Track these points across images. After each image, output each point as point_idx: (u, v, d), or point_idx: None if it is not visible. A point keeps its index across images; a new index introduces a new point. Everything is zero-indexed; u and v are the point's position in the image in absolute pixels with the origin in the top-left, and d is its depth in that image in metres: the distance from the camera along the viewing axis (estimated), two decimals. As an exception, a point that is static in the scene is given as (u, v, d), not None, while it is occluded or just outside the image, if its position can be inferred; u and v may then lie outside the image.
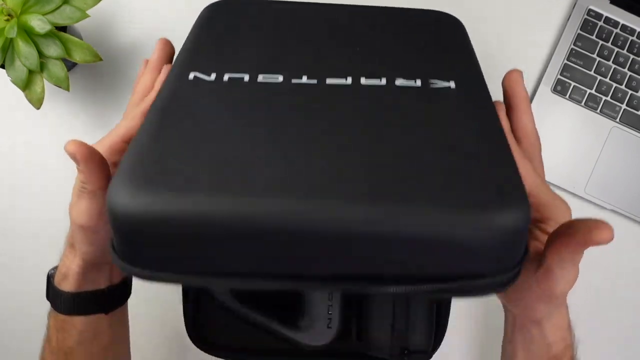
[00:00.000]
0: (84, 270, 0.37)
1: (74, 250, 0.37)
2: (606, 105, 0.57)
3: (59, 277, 0.38)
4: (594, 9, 0.57)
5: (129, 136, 0.36)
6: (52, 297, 0.39)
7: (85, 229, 0.35)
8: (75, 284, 0.37)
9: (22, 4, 0.46)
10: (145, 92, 0.38)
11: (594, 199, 0.56)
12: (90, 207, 0.34)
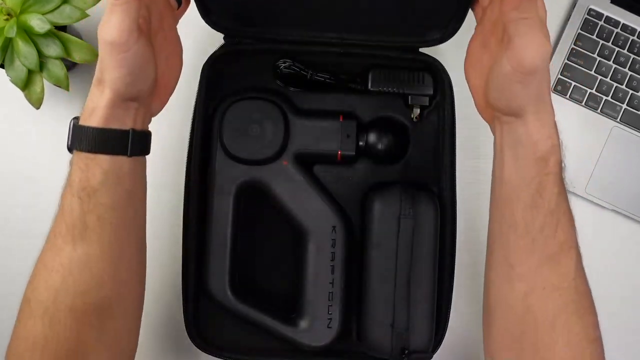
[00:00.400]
0: (112, 104, 0.38)
1: (102, 85, 0.38)
2: (607, 105, 0.57)
3: (86, 114, 0.38)
4: (594, 8, 0.57)
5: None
6: (77, 136, 0.39)
7: (116, 46, 0.36)
8: (102, 120, 0.38)
9: (22, 4, 0.46)
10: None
11: (595, 199, 0.56)
12: (121, 21, 0.35)
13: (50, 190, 0.56)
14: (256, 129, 0.50)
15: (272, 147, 0.49)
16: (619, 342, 0.56)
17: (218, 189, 0.50)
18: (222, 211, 0.49)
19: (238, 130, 0.50)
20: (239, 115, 0.50)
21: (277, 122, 0.50)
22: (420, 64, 0.51)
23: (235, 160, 0.50)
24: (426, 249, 0.48)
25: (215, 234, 0.49)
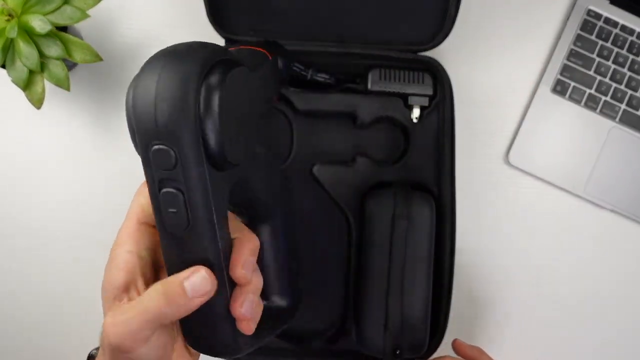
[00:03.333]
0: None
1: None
2: (606, 105, 0.57)
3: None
4: (593, 9, 0.57)
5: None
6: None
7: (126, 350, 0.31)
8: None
9: (23, 4, 0.46)
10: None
11: (594, 199, 0.56)
12: (160, 341, 0.31)
13: (50, 190, 0.56)
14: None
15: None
16: (619, 343, 0.57)
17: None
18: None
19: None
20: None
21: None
22: (420, 64, 0.52)
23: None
24: (421, 250, 0.48)
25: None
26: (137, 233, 0.33)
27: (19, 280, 0.56)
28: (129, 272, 0.32)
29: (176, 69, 0.28)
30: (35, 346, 0.55)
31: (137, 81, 0.29)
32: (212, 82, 0.29)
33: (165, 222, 0.30)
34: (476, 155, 0.57)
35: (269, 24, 0.51)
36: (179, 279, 0.30)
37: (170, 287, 0.30)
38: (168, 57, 0.29)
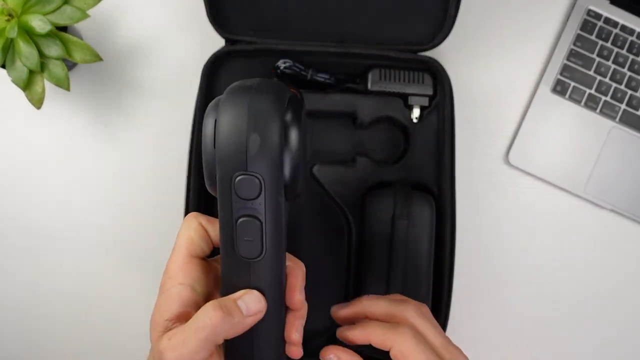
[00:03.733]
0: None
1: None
2: (606, 105, 0.57)
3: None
4: (593, 9, 0.57)
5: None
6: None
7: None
8: None
9: (23, 4, 0.46)
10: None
11: (594, 199, 0.56)
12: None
13: (50, 190, 0.56)
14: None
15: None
16: (619, 342, 0.57)
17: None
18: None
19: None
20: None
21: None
22: (420, 64, 0.52)
23: None
24: (421, 250, 0.48)
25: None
26: (188, 266, 0.34)
27: (19, 281, 0.56)
28: (182, 304, 0.33)
29: (265, 104, 0.30)
30: (35, 346, 0.55)
31: (221, 114, 0.30)
32: (289, 117, 0.31)
33: (240, 250, 0.32)
34: (476, 155, 0.57)
35: (269, 24, 0.51)
36: (232, 298, 0.32)
37: (225, 303, 0.31)
38: (253, 92, 0.31)
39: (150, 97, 0.57)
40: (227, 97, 0.31)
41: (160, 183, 0.56)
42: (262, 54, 0.52)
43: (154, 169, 0.56)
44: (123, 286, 0.55)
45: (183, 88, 0.56)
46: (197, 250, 0.34)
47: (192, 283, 0.33)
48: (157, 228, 0.55)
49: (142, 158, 0.56)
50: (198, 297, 0.33)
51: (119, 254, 0.55)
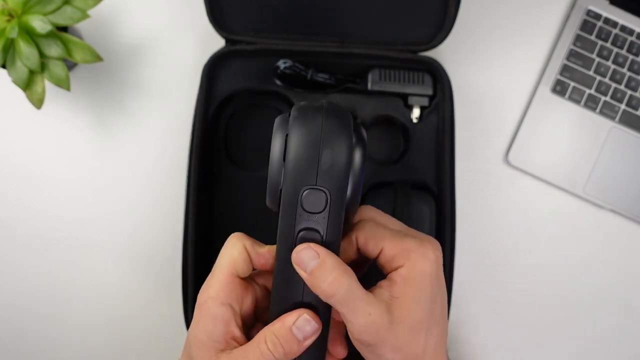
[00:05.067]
0: None
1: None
2: (605, 105, 0.57)
3: None
4: (593, 9, 0.58)
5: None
6: None
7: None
8: None
9: (23, 5, 0.46)
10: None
11: (593, 199, 0.56)
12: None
13: (50, 189, 0.56)
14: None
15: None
16: (619, 342, 0.57)
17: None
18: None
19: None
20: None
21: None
22: (420, 64, 0.52)
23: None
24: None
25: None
26: (231, 286, 0.34)
27: (19, 281, 0.56)
28: (226, 324, 0.33)
29: (337, 123, 0.32)
30: (35, 347, 0.56)
31: (294, 129, 0.31)
32: (355, 139, 0.32)
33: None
34: (476, 155, 0.57)
35: (269, 24, 0.51)
36: (286, 325, 0.33)
37: (282, 334, 0.32)
38: (324, 112, 0.32)
39: (150, 97, 0.57)
40: (300, 115, 0.32)
41: (160, 183, 0.56)
42: (262, 54, 0.52)
43: (154, 169, 0.56)
44: (123, 286, 0.55)
45: (183, 88, 0.56)
46: (238, 271, 0.35)
47: (232, 303, 0.34)
48: (157, 228, 0.55)
49: (142, 158, 0.56)
50: (237, 317, 0.34)
51: (118, 254, 0.55)
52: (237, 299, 0.34)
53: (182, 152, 0.53)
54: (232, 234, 0.36)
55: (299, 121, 0.32)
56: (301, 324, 0.32)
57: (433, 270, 0.34)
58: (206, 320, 0.34)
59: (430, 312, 0.33)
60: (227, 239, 0.36)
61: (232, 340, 0.34)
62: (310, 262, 0.31)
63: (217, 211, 0.53)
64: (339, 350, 0.37)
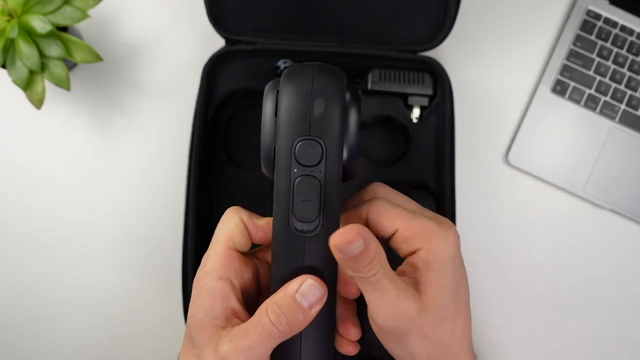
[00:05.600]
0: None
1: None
2: (605, 105, 0.57)
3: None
4: (593, 9, 0.58)
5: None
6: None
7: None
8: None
9: (23, 5, 0.46)
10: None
11: (593, 199, 0.56)
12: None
13: (50, 189, 0.56)
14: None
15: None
16: (619, 342, 0.57)
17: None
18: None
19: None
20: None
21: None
22: (420, 64, 0.52)
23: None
24: None
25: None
26: (228, 259, 0.32)
27: (19, 281, 0.56)
28: (225, 300, 0.31)
29: (329, 77, 0.31)
30: (35, 346, 0.56)
31: (285, 84, 0.31)
32: (349, 97, 0.32)
33: (295, 218, 0.30)
34: (476, 155, 0.57)
35: (269, 24, 0.51)
36: (289, 293, 0.30)
37: (285, 303, 0.30)
38: (316, 68, 0.31)
39: (150, 97, 0.57)
40: (291, 71, 0.31)
41: (160, 183, 0.56)
42: (262, 54, 0.52)
43: (154, 169, 0.56)
44: (123, 286, 0.55)
45: (183, 88, 0.56)
46: (236, 244, 0.33)
47: (231, 277, 0.32)
48: (157, 228, 0.55)
49: (142, 157, 0.56)
50: (237, 291, 0.32)
51: (118, 254, 0.55)
52: (236, 273, 0.32)
53: (182, 152, 0.53)
54: (228, 209, 0.34)
55: (290, 76, 0.31)
56: (305, 290, 0.30)
57: (455, 254, 0.32)
58: (204, 296, 0.32)
59: (455, 299, 0.32)
60: (224, 213, 0.34)
61: (233, 317, 0.32)
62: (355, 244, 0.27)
63: (217, 211, 0.53)
64: (352, 331, 0.34)
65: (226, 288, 0.32)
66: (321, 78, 0.31)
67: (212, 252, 0.33)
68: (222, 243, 0.33)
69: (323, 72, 0.31)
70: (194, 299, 0.32)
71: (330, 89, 0.30)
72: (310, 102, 0.30)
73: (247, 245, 0.34)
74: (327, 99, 0.30)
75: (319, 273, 0.31)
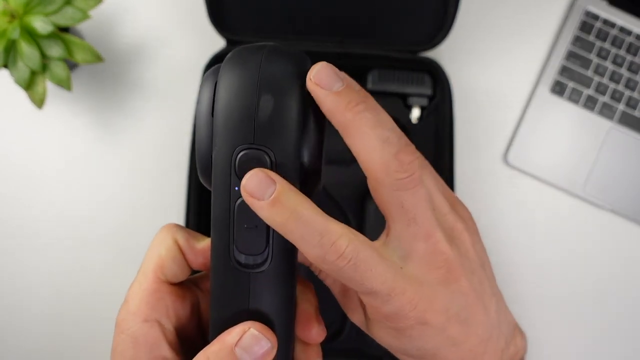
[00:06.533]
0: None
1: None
2: (604, 105, 0.57)
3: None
4: (591, 10, 0.58)
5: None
6: None
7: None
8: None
9: (25, 5, 0.47)
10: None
11: (593, 199, 0.57)
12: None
13: (51, 189, 0.56)
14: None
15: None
16: (619, 342, 0.57)
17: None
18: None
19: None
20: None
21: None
22: (419, 64, 0.52)
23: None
24: None
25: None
26: (156, 295, 0.26)
27: (20, 281, 0.56)
28: (150, 347, 0.25)
29: (282, 63, 0.24)
30: (35, 346, 0.56)
31: (224, 73, 0.23)
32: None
33: (238, 249, 0.24)
34: (475, 156, 0.57)
35: (269, 25, 0.52)
36: (227, 345, 0.24)
37: (220, 357, 0.24)
38: (266, 51, 0.24)
39: (151, 97, 0.57)
40: (234, 55, 0.24)
41: (161, 183, 0.56)
42: (263, 54, 0.52)
43: (154, 169, 0.56)
44: (123, 286, 0.55)
45: (184, 88, 0.56)
46: (168, 275, 0.26)
47: (160, 318, 0.26)
48: (157, 228, 0.55)
49: (143, 157, 0.56)
50: (169, 335, 0.26)
51: (119, 254, 0.56)
52: (167, 312, 0.26)
53: (183, 152, 0.54)
54: (162, 226, 0.28)
55: (231, 63, 0.23)
56: (247, 343, 0.24)
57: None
58: (125, 344, 0.26)
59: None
60: (157, 232, 0.27)
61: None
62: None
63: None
64: (314, 332, 0.28)
65: (153, 333, 0.25)
66: (271, 65, 0.23)
67: (137, 286, 0.26)
68: (149, 274, 0.26)
69: (275, 57, 0.23)
70: (114, 346, 0.27)
71: (283, 80, 0.23)
72: (255, 98, 0.23)
73: (182, 274, 0.27)
74: (278, 93, 0.23)
75: (268, 318, 0.24)
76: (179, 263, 0.27)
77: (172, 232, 0.27)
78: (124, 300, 0.27)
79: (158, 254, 0.27)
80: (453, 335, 0.26)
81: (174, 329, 0.26)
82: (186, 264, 0.27)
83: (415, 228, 0.25)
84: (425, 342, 0.26)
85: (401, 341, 0.26)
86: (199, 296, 0.28)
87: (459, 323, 0.26)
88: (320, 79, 0.24)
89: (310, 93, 0.24)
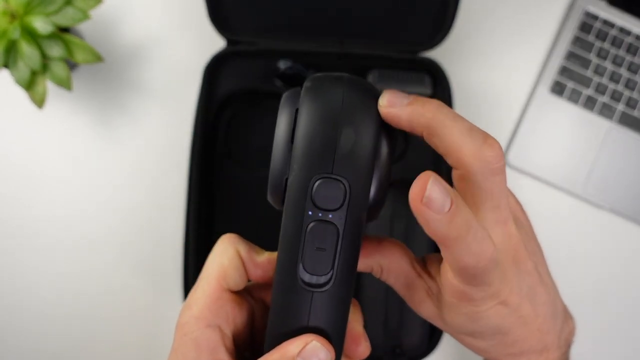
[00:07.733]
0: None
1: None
2: (604, 105, 0.57)
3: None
4: (591, 10, 0.58)
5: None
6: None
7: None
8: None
9: (25, 5, 0.47)
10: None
11: (592, 199, 0.57)
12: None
13: (52, 189, 0.56)
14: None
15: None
16: (619, 342, 0.57)
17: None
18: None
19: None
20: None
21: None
22: (419, 64, 0.52)
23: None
24: (420, 250, 0.48)
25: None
26: (219, 302, 0.27)
27: (20, 281, 0.56)
28: (212, 351, 0.27)
29: (362, 96, 0.25)
30: (35, 346, 0.56)
31: (306, 101, 0.24)
32: (381, 121, 0.26)
33: (305, 263, 0.25)
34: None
35: (270, 25, 0.52)
36: (289, 355, 0.25)
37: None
38: (346, 82, 0.25)
39: (151, 97, 0.57)
40: (315, 84, 0.25)
41: (161, 183, 0.56)
42: (263, 54, 0.52)
43: (154, 169, 0.56)
44: (123, 286, 0.56)
45: (184, 88, 0.56)
46: (230, 284, 0.28)
47: (221, 324, 0.27)
48: (157, 228, 0.56)
49: (143, 157, 0.56)
50: (227, 340, 0.28)
51: (119, 254, 0.56)
52: (227, 319, 0.28)
53: (183, 152, 0.54)
54: (223, 236, 0.29)
55: (314, 92, 0.25)
56: (309, 354, 0.25)
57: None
58: (187, 347, 0.27)
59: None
60: (217, 241, 0.29)
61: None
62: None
63: (218, 211, 0.53)
64: (361, 349, 0.29)
65: (214, 338, 0.27)
66: (353, 98, 0.24)
67: (201, 292, 0.28)
68: (213, 282, 0.28)
69: (355, 90, 0.25)
70: (176, 347, 0.28)
71: (364, 114, 0.24)
72: (337, 131, 0.24)
73: (242, 284, 0.29)
74: (359, 127, 0.24)
75: (325, 333, 0.26)
76: (240, 273, 0.28)
77: (235, 243, 0.29)
78: (185, 305, 0.28)
79: (221, 263, 0.28)
80: (524, 314, 0.27)
81: (232, 335, 0.28)
82: (245, 274, 0.28)
83: (498, 213, 0.26)
84: (502, 322, 0.27)
85: (478, 323, 0.27)
86: (252, 305, 0.30)
87: (530, 302, 0.28)
88: (393, 97, 0.25)
89: (384, 124, 0.26)
